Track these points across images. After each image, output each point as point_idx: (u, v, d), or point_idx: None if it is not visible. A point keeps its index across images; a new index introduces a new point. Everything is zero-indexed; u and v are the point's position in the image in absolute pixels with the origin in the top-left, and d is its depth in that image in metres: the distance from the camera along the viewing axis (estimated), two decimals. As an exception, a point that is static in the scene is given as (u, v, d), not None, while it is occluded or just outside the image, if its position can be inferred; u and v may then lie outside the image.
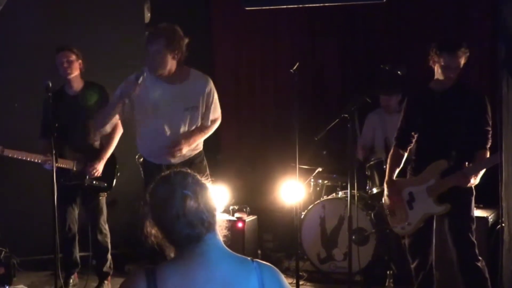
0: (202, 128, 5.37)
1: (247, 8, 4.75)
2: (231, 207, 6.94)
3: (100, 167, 6.02)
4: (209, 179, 5.27)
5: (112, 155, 6.17)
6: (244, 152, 8.06)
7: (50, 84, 5.79)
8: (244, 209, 6.95)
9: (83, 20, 7.04)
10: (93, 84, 6.18)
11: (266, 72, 8.17)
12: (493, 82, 6.24)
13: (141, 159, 5.62)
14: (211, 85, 5.34)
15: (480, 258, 4.98)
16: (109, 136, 6.05)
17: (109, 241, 6.29)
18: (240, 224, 6.70)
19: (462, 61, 4.98)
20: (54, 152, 5.46)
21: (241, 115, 8.30)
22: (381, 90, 6.89)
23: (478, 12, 7.16)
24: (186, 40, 5.15)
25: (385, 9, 7.28)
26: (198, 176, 2.53)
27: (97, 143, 6.13)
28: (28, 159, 5.87)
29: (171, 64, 5.13)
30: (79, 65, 6.04)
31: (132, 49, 7.25)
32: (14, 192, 6.87)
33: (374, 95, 6.01)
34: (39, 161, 5.85)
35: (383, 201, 5.49)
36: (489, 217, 5.91)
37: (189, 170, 2.55)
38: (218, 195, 5.78)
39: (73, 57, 5.99)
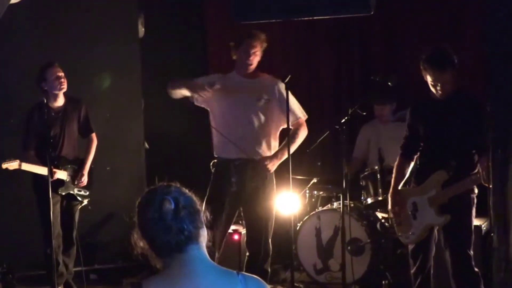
0: (296, 128, 5.69)
1: (240, 22, 4.79)
2: (226, 220, 6.94)
3: (85, 177, 6.28)
4: (274, 184, 5.47)
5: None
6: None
7: (45, 100, 5.93)
8: (240, 221, 6.94)
9: (77, 36, 7.07)
10: (72, 98, 6.34)
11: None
12: (486, 90, 6.26)
13: (214, 161, 5.74)
14: (282, 86, 5.52)
15: (476, 270, 4.96)
16: (89, 148, 6.37)
17: None
18: (236, 237, 6.71)
19: (452, 76, 4.91)
20: (49, 165, 5.63)
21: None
22: (374, 99, 6.92)
23: (471, 20, 7.19)
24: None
25: (379, 19, 7.32)
26: (185, 189, 2.54)
27: (77, 155, 6.35)
28: (40, 172, 5.98)
29: (257, 59, 5.61)
30: (64, 77, 6.18)
31: (126, 63, 7.31)
32: (10, 207, 6.89)
33: (367, 107, 6.02)
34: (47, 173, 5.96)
35: (388, 211, 5.46)
36: (483, 226, 5.92)
37: (176, 184, 2.56)
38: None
39: (63, 73, 6.15)
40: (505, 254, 4.19)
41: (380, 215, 6.74)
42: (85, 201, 6.36)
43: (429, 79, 4.92)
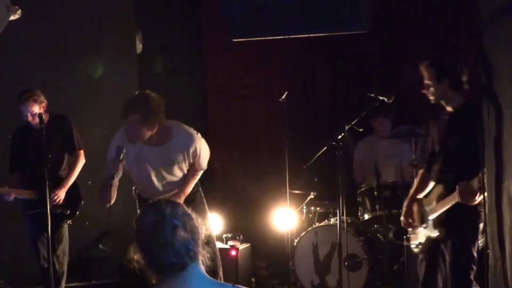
0: (193, 173, 5.49)
1: (234, 40, 4.81)
2: (224, 235, 6.97)
3: (62, 194, 6.12)
4: (207, 213, 5.36)
5: (75, 183, 6.27)
6: (237, 180, 8.11)
7: (44, 117, 5.91)
8: (237, 237, 6.98)
9: (75, 52, 7.11)
10: (57, 116, 6.25)
11: (258, 100, 8.24)
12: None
13: (137, 191, 5.70)
14: (196, 143, 5.36)
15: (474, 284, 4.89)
16: (71, 166, 6.24)
17: (65, 271, 6.24)
18: (233, 252, 6.73)
19: (428, 77, 4.90)
20: (48, 183, 5.56)
21: (233, 143, 8.36)
22: (377, 112, 6.94)
23: (465, 36, 7.23)
24: (161, 105, 5.16)
25: (375, 35, 7.36)
26: (185, 207, 2.58)
27: (62, 173, 6.23)
28: None
29: (150, 133, 5.17)
30: (42, 108, 6.03)
31: (124, 79, 7.34)
32: (9, 223, 6.88)
33: (363, 123, 6.03)
34: None
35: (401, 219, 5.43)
36: (479, 242, 5.90)
37: (178, 201, 2.61)
38: (207, 224, 5.82)
39: (36, 108, 5.98)
40: (501, 270, 4.21)
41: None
42: (69, 221, 6.22)
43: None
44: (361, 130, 5.88)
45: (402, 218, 5.30)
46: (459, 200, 4.69)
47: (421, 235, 5.13)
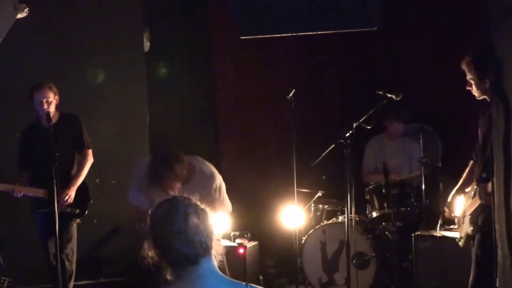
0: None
1: (242, 37, 4.82)
2: (232, 233, 6.97)
3: (72, 194, 6.11)
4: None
5: (84, 182, 6.26)
6: (245, 178, 8.10)
7: (51, 114, 5.92)
8: (245, 235, 6.97)
9: (83, 50, 7.12)
10: (67, 114, 6.27)
11: (266, 99, 8.23)
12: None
13: None
14: (217, 182, 5.38)
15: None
16: (80, 165, 6.22)
17: (74, 270, 6.24)
18: (241, 250, 6.72)
19: (469, 75, 4.74)
20: (55, 181, 5.57)
21: (242, 142, 8.35)
22: (393, 117, 6.92)
23: (474, 35, 7.21)
24: (184, 162, 5.16)
25: (383, 33, 7.35)
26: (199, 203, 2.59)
27: (73, 172, 6.22)
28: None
29: (179, 183, 5.20)
30: (56, 101, 6.08)
31: (132, 78, 7.34)
32: (17, 221, 6.91)
33: (371, 121, 6.02)
34: (7, 190, 5.95)
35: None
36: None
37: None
38: (218, 221, 5.81)
39: (51, 95, 6.02)
40: (509, 268, 4.20)
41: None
42: (78, 220, 6.22)
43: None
44: (369, 127, 5.87)
45: (445, 208, 5.24)
46: (481, 202, 4.67)
47: (463, 228, 5.05)
